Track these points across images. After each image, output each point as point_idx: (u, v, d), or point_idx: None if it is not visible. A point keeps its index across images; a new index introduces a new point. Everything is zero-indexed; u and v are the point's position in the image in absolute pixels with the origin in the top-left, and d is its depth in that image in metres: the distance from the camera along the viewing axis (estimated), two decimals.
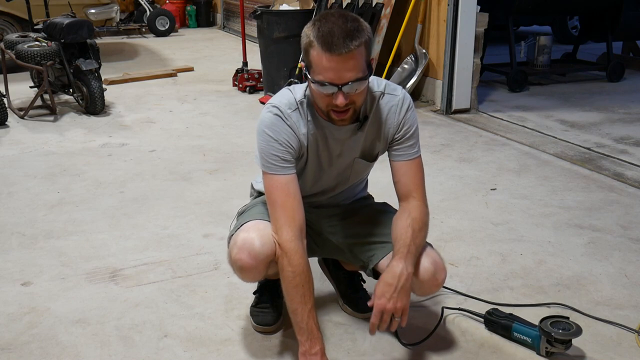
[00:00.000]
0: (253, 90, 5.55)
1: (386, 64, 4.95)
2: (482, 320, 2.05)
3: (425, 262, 1.75)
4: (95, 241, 2.70)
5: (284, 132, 1.69)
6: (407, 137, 1.78)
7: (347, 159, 1.82)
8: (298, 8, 5.59)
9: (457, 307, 2.14)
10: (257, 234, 1.73)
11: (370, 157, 1.85)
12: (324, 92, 1.57)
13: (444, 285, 2.24)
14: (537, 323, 1.90)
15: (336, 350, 1.94)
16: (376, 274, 1.85)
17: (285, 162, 1.69)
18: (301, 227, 1.69)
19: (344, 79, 1.54)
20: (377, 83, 1.77)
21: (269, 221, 1.75)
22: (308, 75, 1.59)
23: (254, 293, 2.11)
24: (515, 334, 1.95)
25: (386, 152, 1.85)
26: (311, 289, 1.68)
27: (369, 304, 1.71)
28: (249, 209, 1.93)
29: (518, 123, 4.53)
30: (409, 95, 1.80)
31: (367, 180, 2.09)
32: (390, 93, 1.76)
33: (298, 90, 1.75)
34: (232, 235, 1.83)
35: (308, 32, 1.57)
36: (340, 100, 1.56)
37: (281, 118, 1.69)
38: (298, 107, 1.71)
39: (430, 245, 1.83)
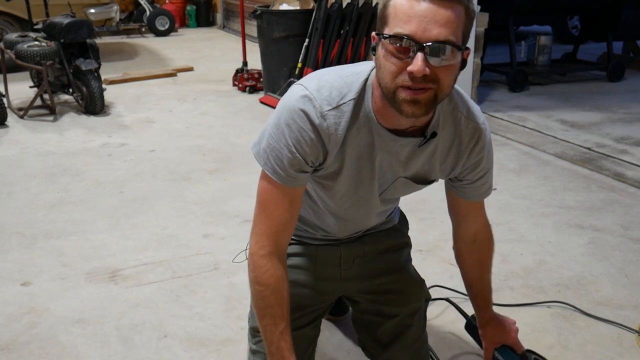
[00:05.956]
0: (253, 90, 5.55)
1: None
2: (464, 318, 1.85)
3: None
4: (95, 241, 2.70)
5: (305, 139, 1.26)
6: (478, 178, 1.42)
7: (392, 176, 1.40)
8: (298, 8, 5.59)
9: (444, 297, 2.15)
10: None
11: (423, 181, 1.43)
12: (398, 53, 1.11)
13: (444, 285, 2.26)
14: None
15: (337, 350, 1.94)
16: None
17: (291, 175, 1.30)
18: (280, 245, 1.36)
19: (430, 36, 1.08)
20: (461, 100, 1.34)
21: None
22: (380, 37, 1.14)
23: None
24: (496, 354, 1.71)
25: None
26: (283, 309, 1.35)
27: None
28: None
29: (518, 123, 4.53)
30: (489, 126, 1.41)
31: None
32: (471, 118, 1.35)
33: (355, 79, 1.27)
34: None
35: None
36: (418, 64, 1.09)
37: (308, 119, 1.25)
38: (343, 104, 1.26)
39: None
